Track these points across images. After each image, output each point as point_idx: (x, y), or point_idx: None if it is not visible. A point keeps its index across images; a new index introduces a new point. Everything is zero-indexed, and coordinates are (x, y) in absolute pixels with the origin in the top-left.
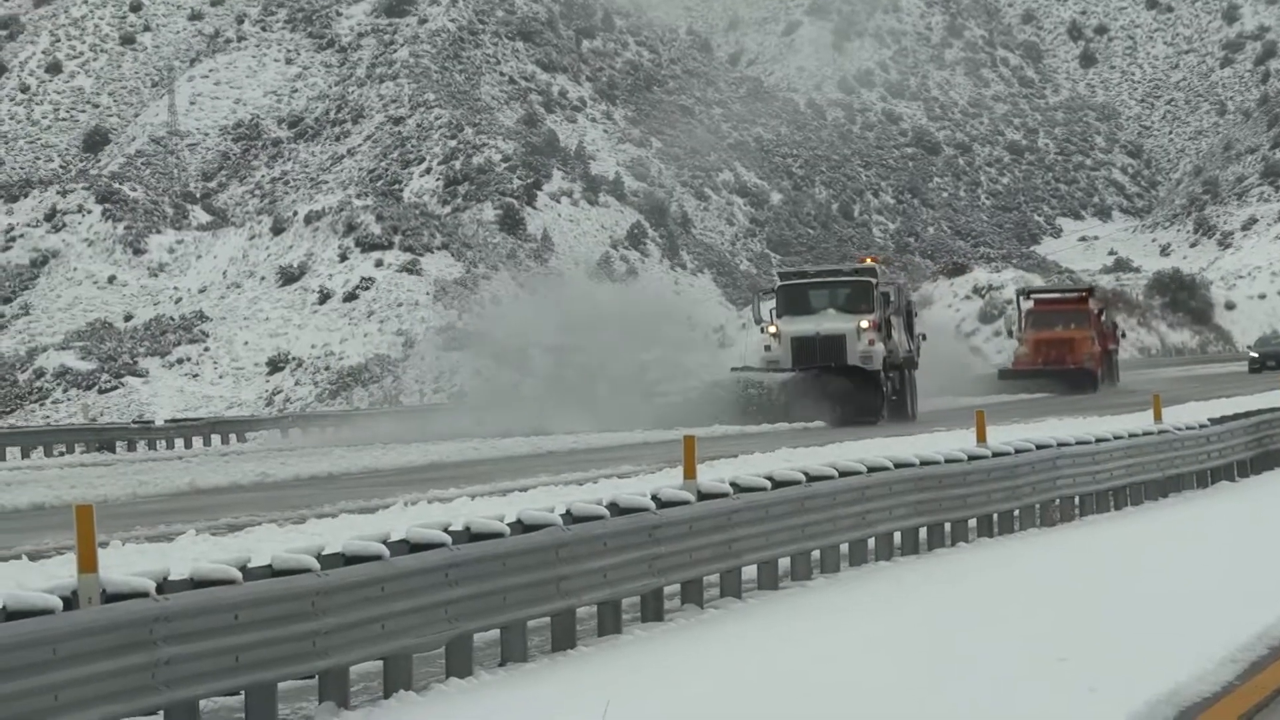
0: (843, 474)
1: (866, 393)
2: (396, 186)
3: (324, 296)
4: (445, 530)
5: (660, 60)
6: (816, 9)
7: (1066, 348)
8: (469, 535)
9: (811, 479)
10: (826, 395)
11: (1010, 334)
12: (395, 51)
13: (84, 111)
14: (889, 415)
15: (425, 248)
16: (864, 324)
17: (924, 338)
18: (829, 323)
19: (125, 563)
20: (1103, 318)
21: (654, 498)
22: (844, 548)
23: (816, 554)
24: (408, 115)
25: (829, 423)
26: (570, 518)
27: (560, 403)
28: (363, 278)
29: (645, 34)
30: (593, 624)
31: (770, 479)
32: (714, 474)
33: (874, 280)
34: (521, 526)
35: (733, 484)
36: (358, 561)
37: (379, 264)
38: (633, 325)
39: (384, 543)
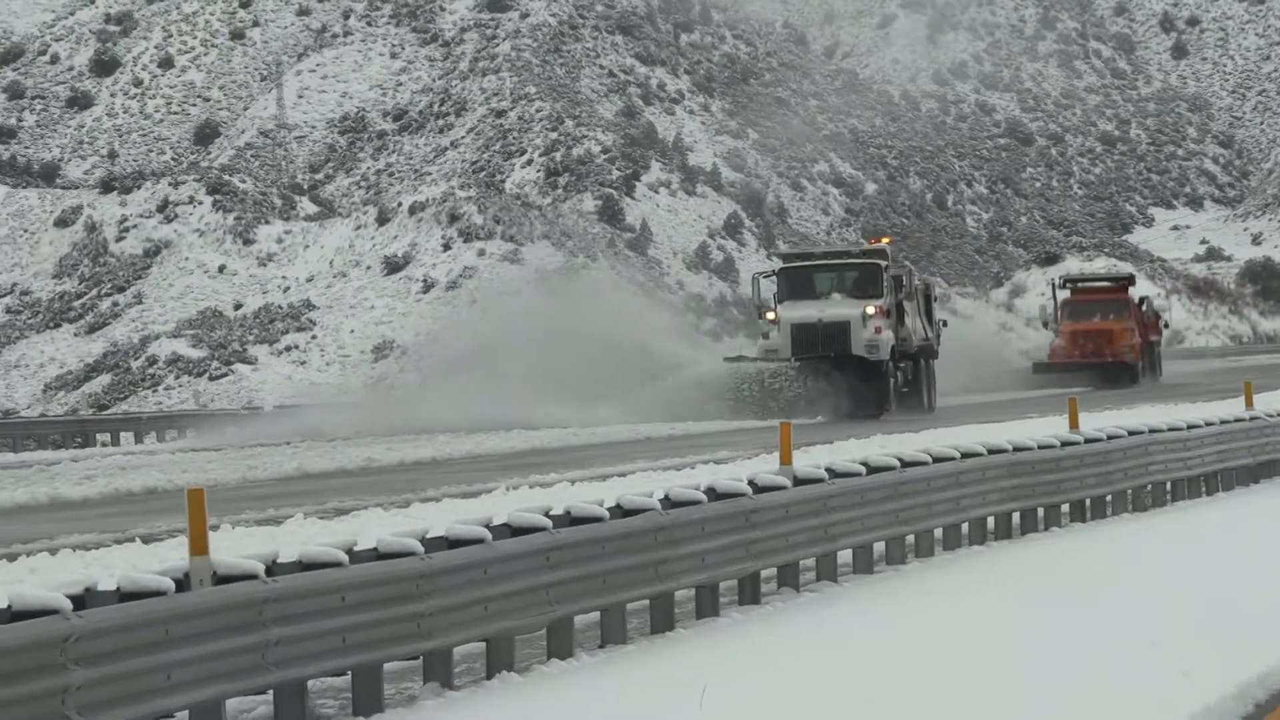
0: (937, 460)
1: (870, 385)
2: (498, 178)
3: (427, 285)
4: (546, 514)
5: (757, 53)
6: (911, 2)
7: (1105, 340)
8: (569, 519)
9: (906, 465)
10: (826, 387)
11: (1046, 325)
12: (497, 46)
13: (195, 105)
14: (902, 409)
15: (526, 238)
16: (870, 310)
17: (944, 324)
18: (833, 308)
19: (235, 545)
20: (1144, 307)
21: (751, 483)
22: (938, 532)
23: (911, 539)
24: (509, 108)
25: (827, 418)
26: (668, 502)
27: (544, 394)
28: (465, 267)
29: (742, 28)
30: (691, 607)
31: (865, 465)
32: (810, 460)
33: (884, 263)
34: (621, 511)
35: (828, 469)
36: (461, 545)
37: (481, 253)
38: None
39: (486, 526)
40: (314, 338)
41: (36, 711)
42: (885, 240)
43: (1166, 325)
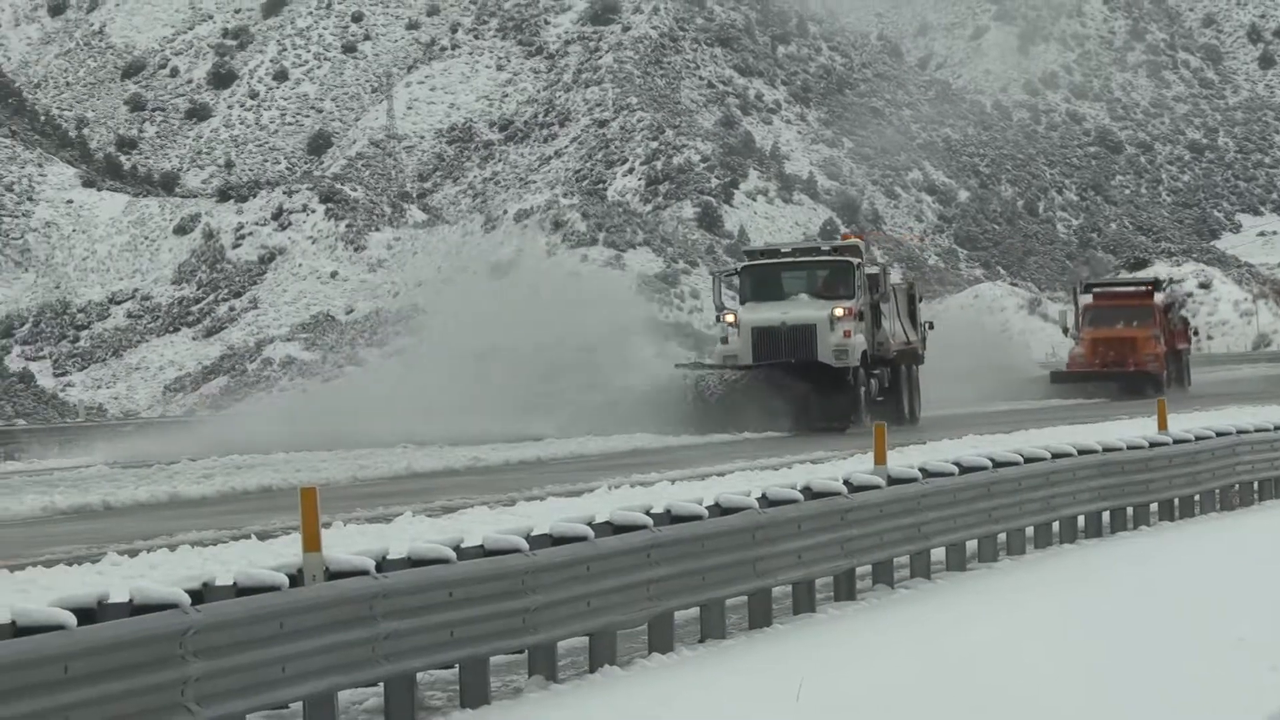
0: (1028, 460)
1: (836, 394)
2: (601, 186)
3: (533, 293)
4: (647, 513)
5: (852, 64)
6: (1003, 14)
7: (1127, 348)
8: (670, 518)
9: (998, 465)
10: (787, 397)
11: (1066, 332)
12: (600, 58)
13: (308, 116)
14: (879, 420)
15: (628, 244)
16: (838, 312)
17: (930, 327)
18: (798, 310)
19: (347, 542)
20: (1169, 314)
21: (846, 482)
22: (1029, 530)
23: (1003, 537)
24: (612, 118)
25: (788, 430)
26: (766, 501)
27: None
28: (568, 273)
29: (838, 39)
30: (788, 603)
31: (958, 465)
32: (904, 460)
33: (856, 261)
34: (720, 510)
35: (921, 469)
36: (565, 542)
37: (584, 259)
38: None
39: (589, 524)
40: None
41: (157, 702)
42: (859, 236)
43: (1195, 333)
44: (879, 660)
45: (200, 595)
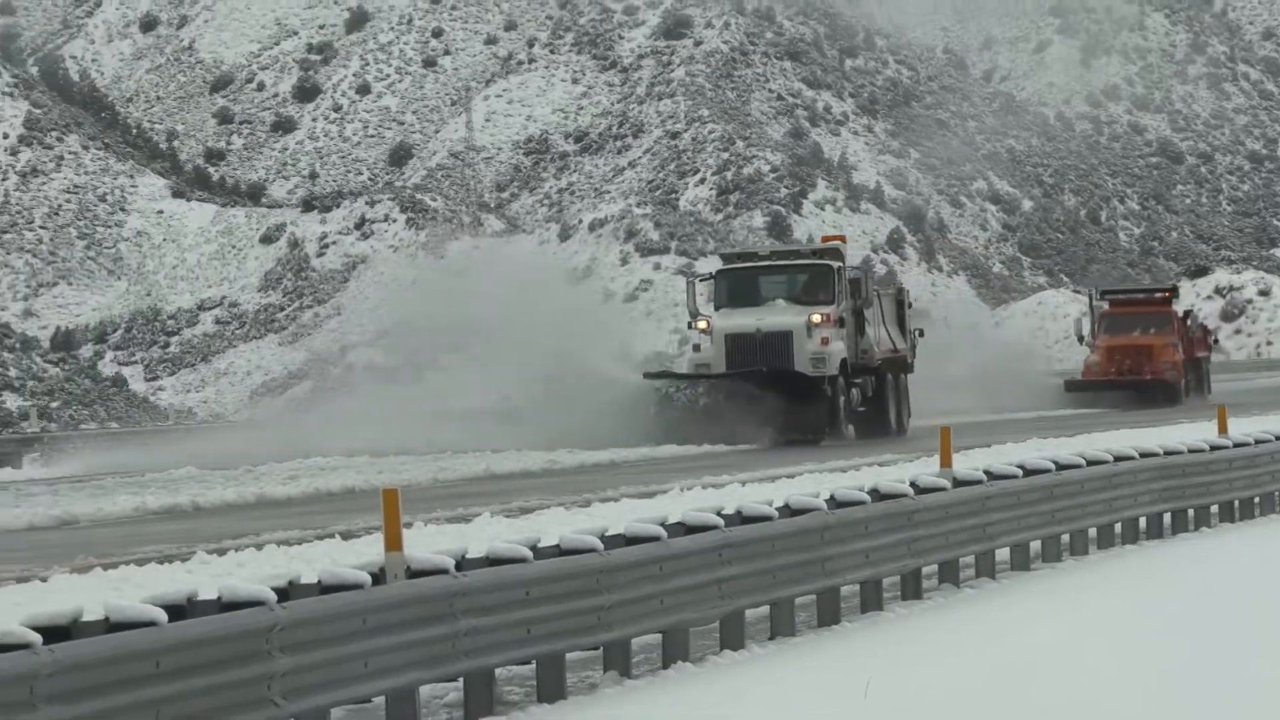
0: (1090, 463)
1: (810, 405)
2: (673, 195)
3: (606, 297)
4: (718, 513)
5: (918, 77)
6: (1066, 28)
7: (1144, 356)
8: (740, 518)
9: (1061, 467)
10: (759, 407)
11: (1081, 340)
12: (673, 71)
13: (390, 129)
14: (861, 432)
15: (699, 252)
16: (816, 318)
17: (920, 334)
18: (773, 316)
19: (427, 542)
20: (1189, 321)
21: (912, 484)
22: (1092, 532)
23: (1066, 537)
24: (684, 130)
25: (762, 443)
26: (834, 503)
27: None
28: (641, 280)
29: (904, 53)
30: (856, 601)
31: (1022, 467)
32: (969, 463)
33: (836, 264)
34: (789, 511)
35: (986, 472)
36: (638, 542)
37: (656, 267)
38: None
39: (662, 525)
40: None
41: (244, 696)
42: (839, 239)
43: (1216, 341)
44: (945, 658)
45: (286, 593)
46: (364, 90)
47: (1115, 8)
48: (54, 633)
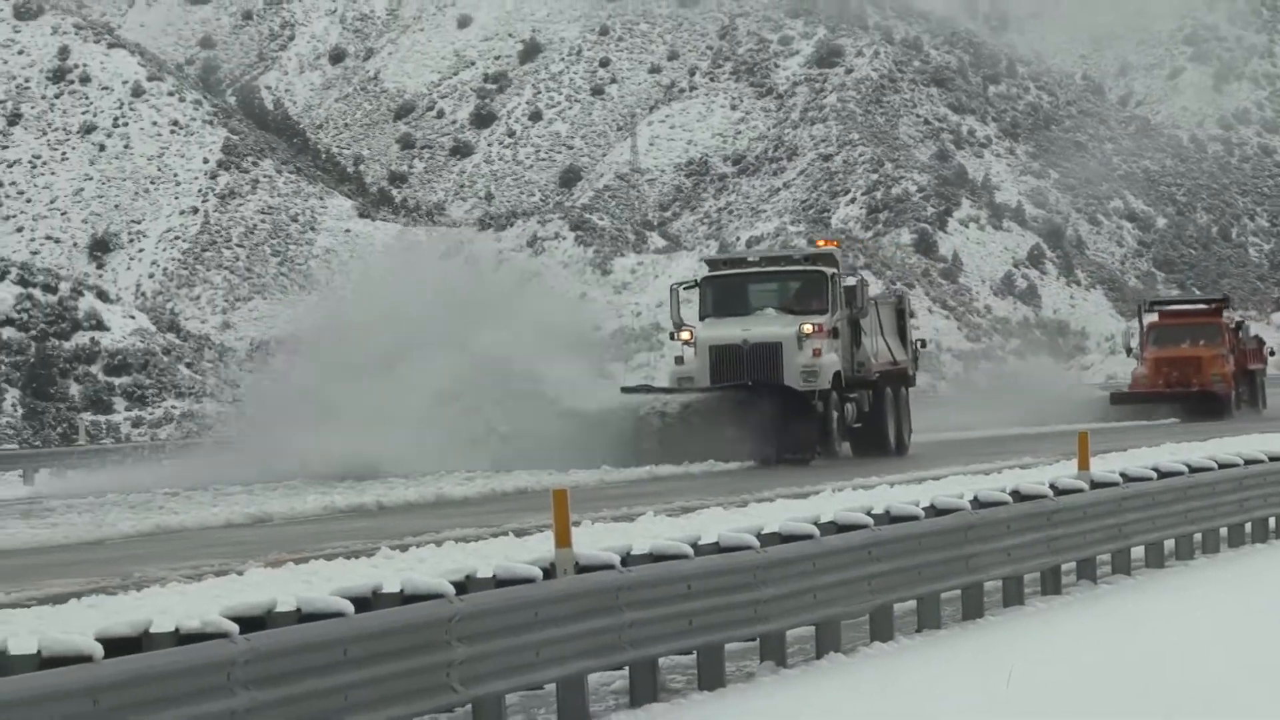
0: (1221, 466)
1: (799, 421)
2: (825, 214)
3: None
4: (867, 513)
5: (1058, 102)
6: (1199, 56)
7: (1192, 367)
8: (889, 518)
9: (1193, 470)
10: (744, 424)
11: (1129, 352)
12: (825, 98)
13: (560, 153)
14: (860, 449)
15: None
16: (807, 329)
17: (923, 345)
18: (761, 327)
19: (594, 539)
20: (1240, 333)
21: (1052, 486)
22: (1223, 531)
23: (1198, 536)
24: (835, 153)
25: (752, 461)
26: (977, 503)
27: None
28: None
29: (1044, 79)
30: (998, 596)
31: (1156, 470)
32: (1105, 466)
33: (831, 271)
34: (934, 510)
35: (1122, 474)
36: (792, 540)
37: None
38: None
39: (815, 524)
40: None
41: (425, 683)
42: (833, 243)
43: (1272, 352)
44: (1083, 650)
45: (463, 586)
46: (536, 117)
47: (1246, 36)
48: (250, 622)
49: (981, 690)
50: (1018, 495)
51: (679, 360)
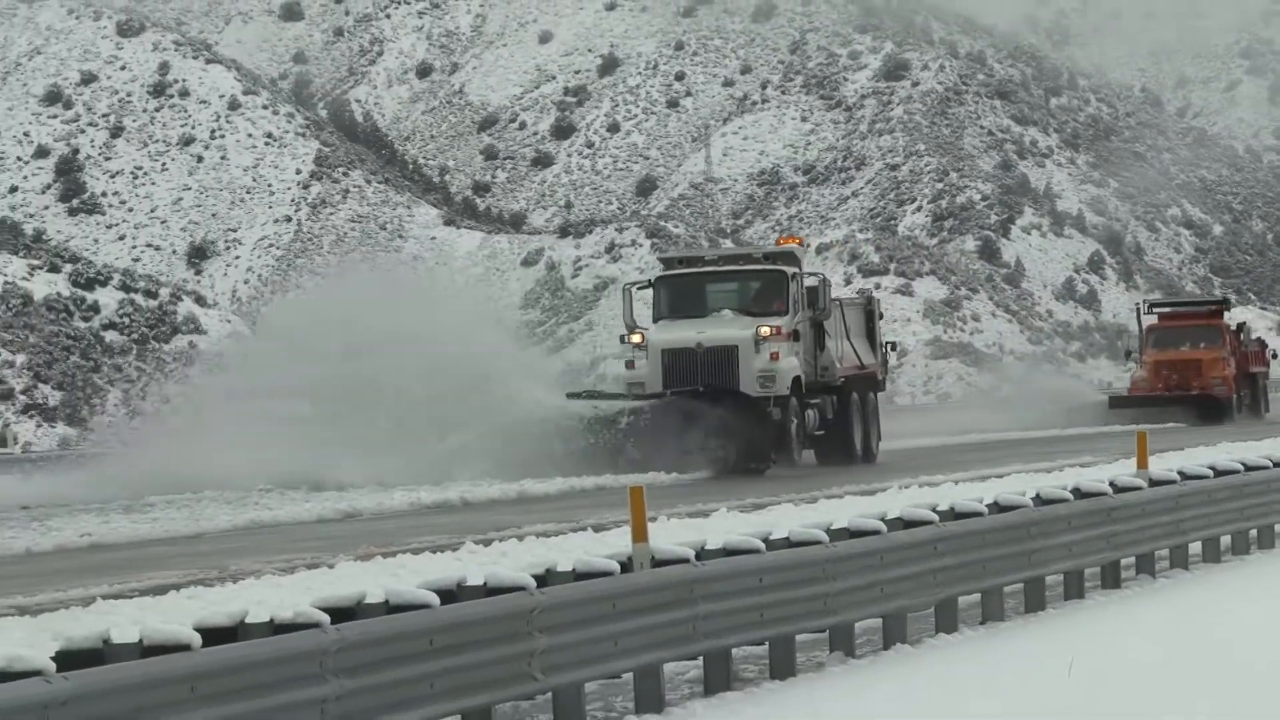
0: (1276, 464)
1: (755, 428)
2: (892, 222)
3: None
4: (934, 510)
5: (1117, 114)
6: (1255, 69)
7: (1192, 370)
8: (953, 514)
9: (1249, 469)
10: (697, 432)
11: (1128, 355)
12: (892, 110)
13: (636, 163)
14: (824, 456)
15: (916, 273)
16: (765, 331)
17: (892, 348)
18: (716, 329)
19: (670, 535)
20: (1242, 336)
21: (1111, 483)
22: (1278, 527)
23: (1254, 532)
24: (902, 163)
25: (709, 471)
26: (1039, 500)
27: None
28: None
29: (1104, 92)
30: (1060, 590)
31: (1213, 468)
32: (1163, 464)
33: (791, 270)
34: (998, 507)
35: (1180, 472)
36: (861, 535)
37: (877, 287)
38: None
39: (882, 520)
40: None
41: (508, 672)
42: (796, 240)
43: (1275, 355)
44: (1142, 642)
45: (544, 580)
46: (614, 128)
47: None
48: (340, 613)
49: (1043, 679)
50: (1078, 493)
51: (629, 365)
